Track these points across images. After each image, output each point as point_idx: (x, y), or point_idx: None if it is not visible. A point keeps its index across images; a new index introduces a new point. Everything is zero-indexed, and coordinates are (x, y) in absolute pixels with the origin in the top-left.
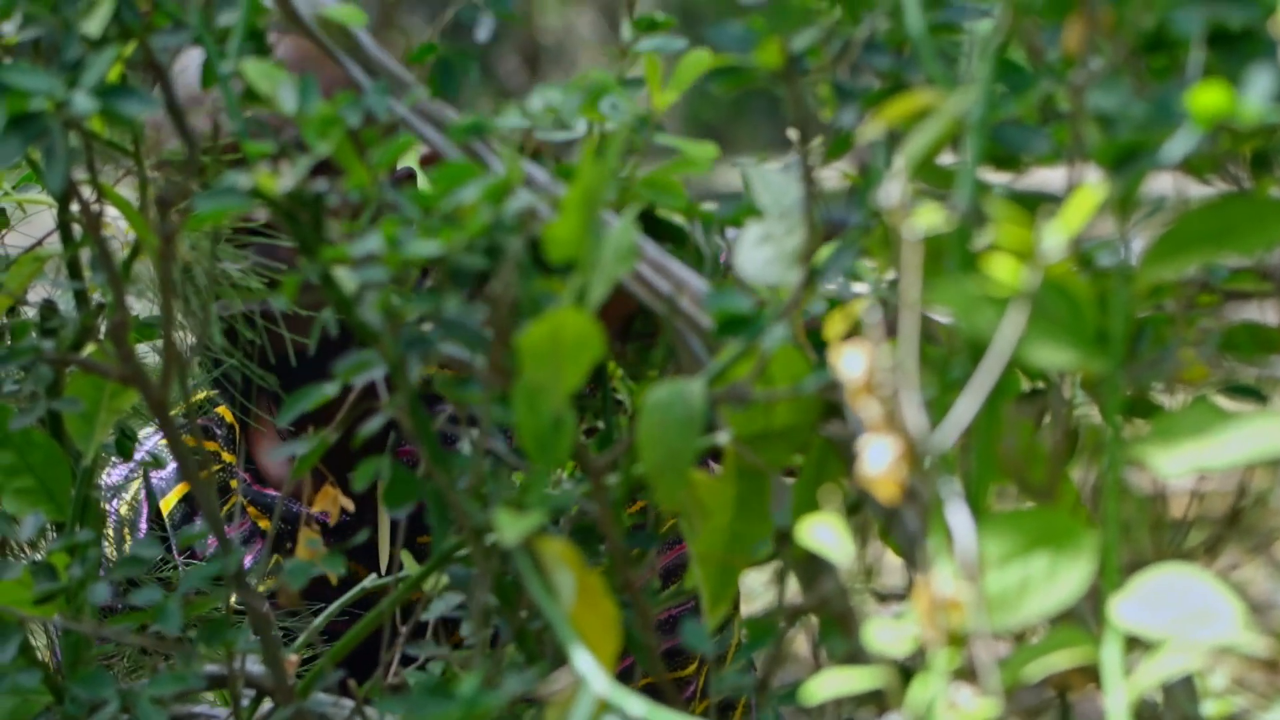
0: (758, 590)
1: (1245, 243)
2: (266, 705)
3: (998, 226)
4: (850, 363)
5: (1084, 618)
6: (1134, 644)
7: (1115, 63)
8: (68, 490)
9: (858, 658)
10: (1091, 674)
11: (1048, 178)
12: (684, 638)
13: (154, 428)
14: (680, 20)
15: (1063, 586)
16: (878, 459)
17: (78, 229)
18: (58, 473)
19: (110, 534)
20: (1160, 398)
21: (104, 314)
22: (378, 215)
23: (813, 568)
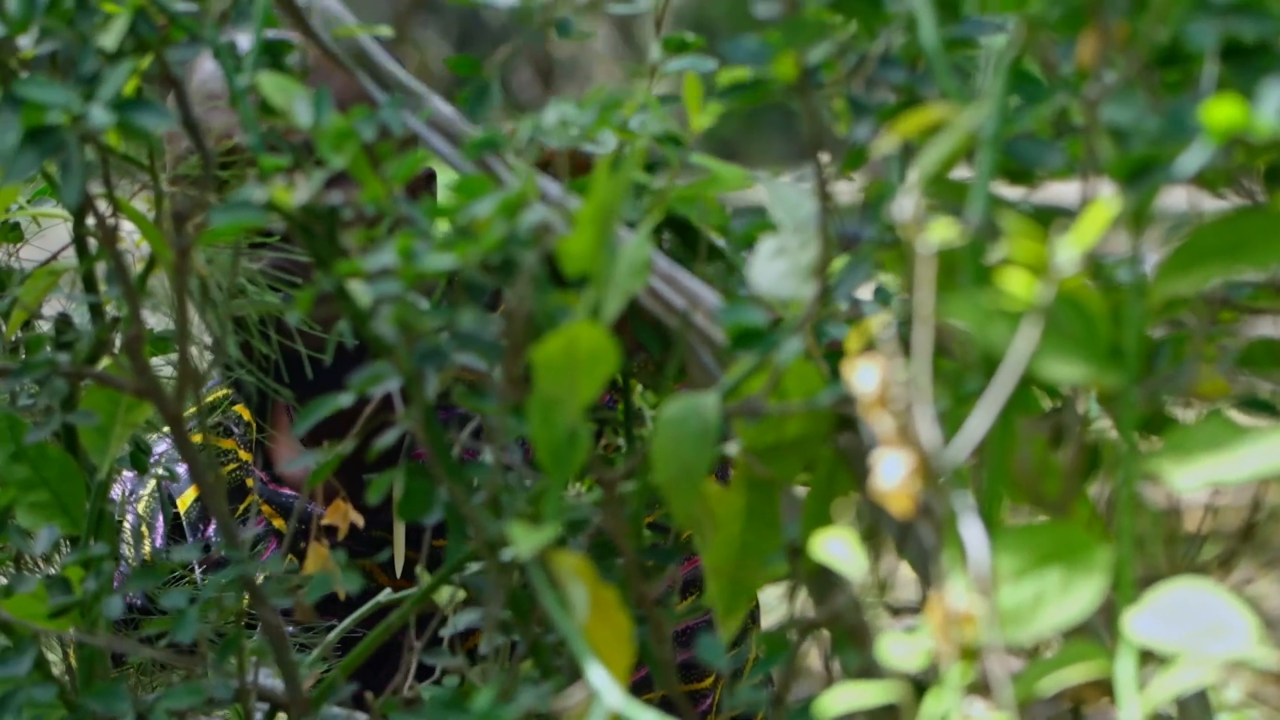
0: (774, 604)
1: (1259, 257)
2: (281, 719)
3: (1011, 241)
4: (864, 377)
5: (1098, 632)
6: (1148, 658)
7: (1129, 77)
8: (82, 504)
9: (871, 672)
10: (1105, 688)
11: (1061, 192)
12: (699, 651)
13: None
14: (694, 33)
15: (1076, 600)
16: (891, 473)
17: (93, 243)
18: (72, 486)
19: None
20: (1177, 413)
21: (119, 328)
22: (393, 228)
23: (825, 582)
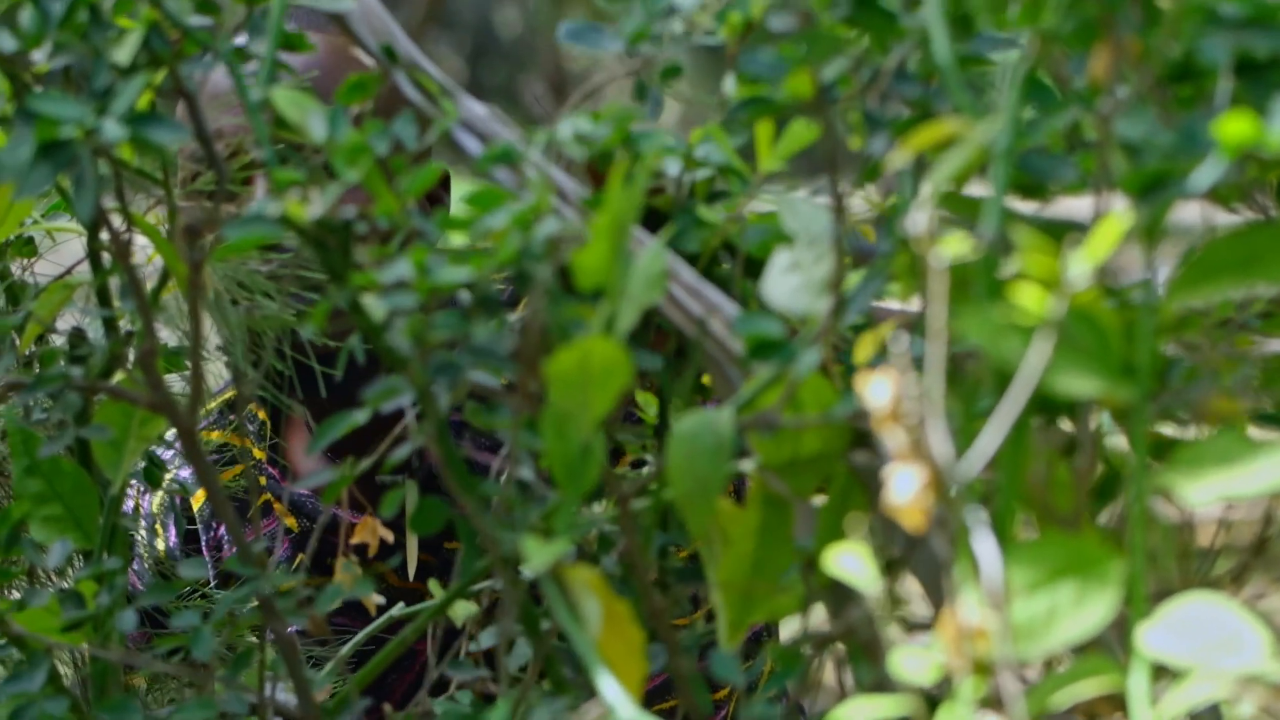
0: (789, 617)
1: (1272, 271)
2: None
3: (1024, 255)
4: (876, 391)
5: (1111, 646)
6: (1161, 672)
7: (1142, 91)
8: (95, 518)
9: (884, 686)
10: (1118, 703)
11: (1074, 206)
12: (713, 666)
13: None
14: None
15: (1089, 615)
16: (904, 487)
17: (107, 257)
18: (86, 500)
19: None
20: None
21: (133, 342)
22: (406, 242)
23: (839, 595)
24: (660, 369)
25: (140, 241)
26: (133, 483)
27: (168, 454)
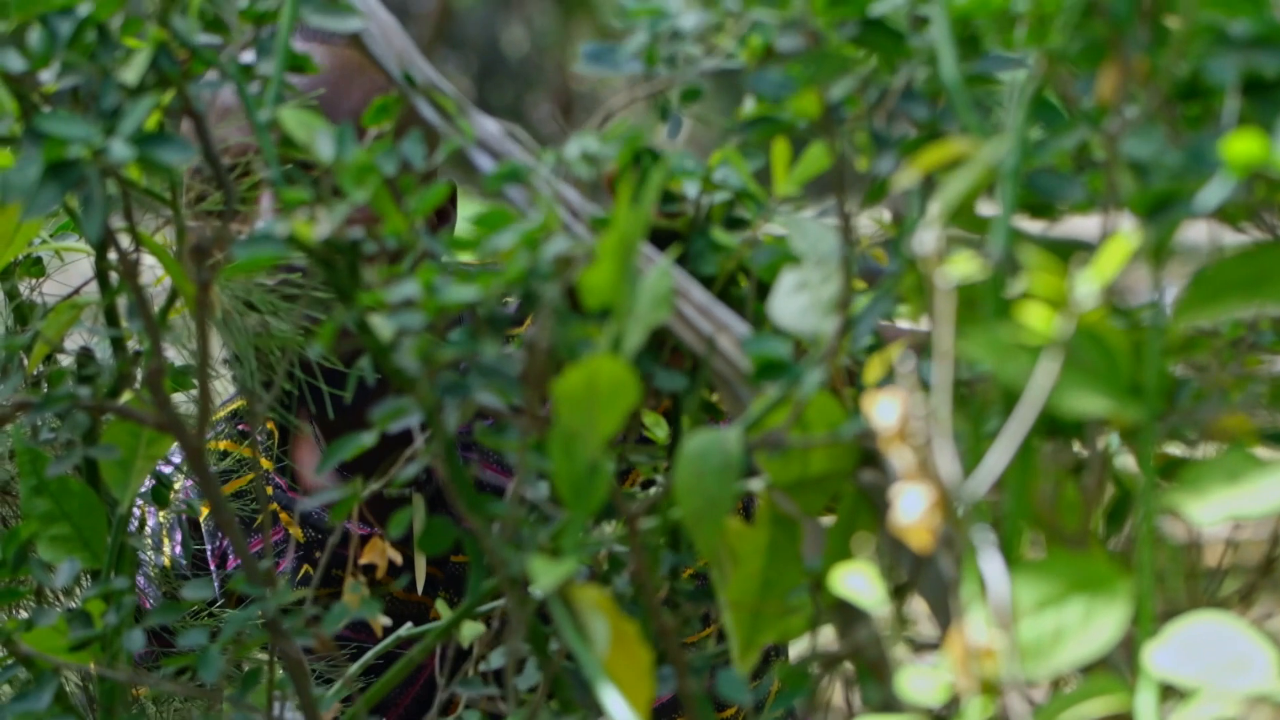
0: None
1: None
2: None
3: (1032, 274)
4: (884, 410)
5: (1118, 666)
6: (1169, 692)
7: (1149, 111)
8: (103, 537)
9: (892, 706)
10: None
11: (1082, 226)
12: (719, 686)
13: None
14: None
15: (1097, 634)
16: (911, 507)
17: (115, 277)
18: (94, 520)
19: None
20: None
21: (140, 361)
22: (416, 261)
23: (847, 615)
24: (677, 389)
25: (148, 261)
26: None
27: (175, 458)
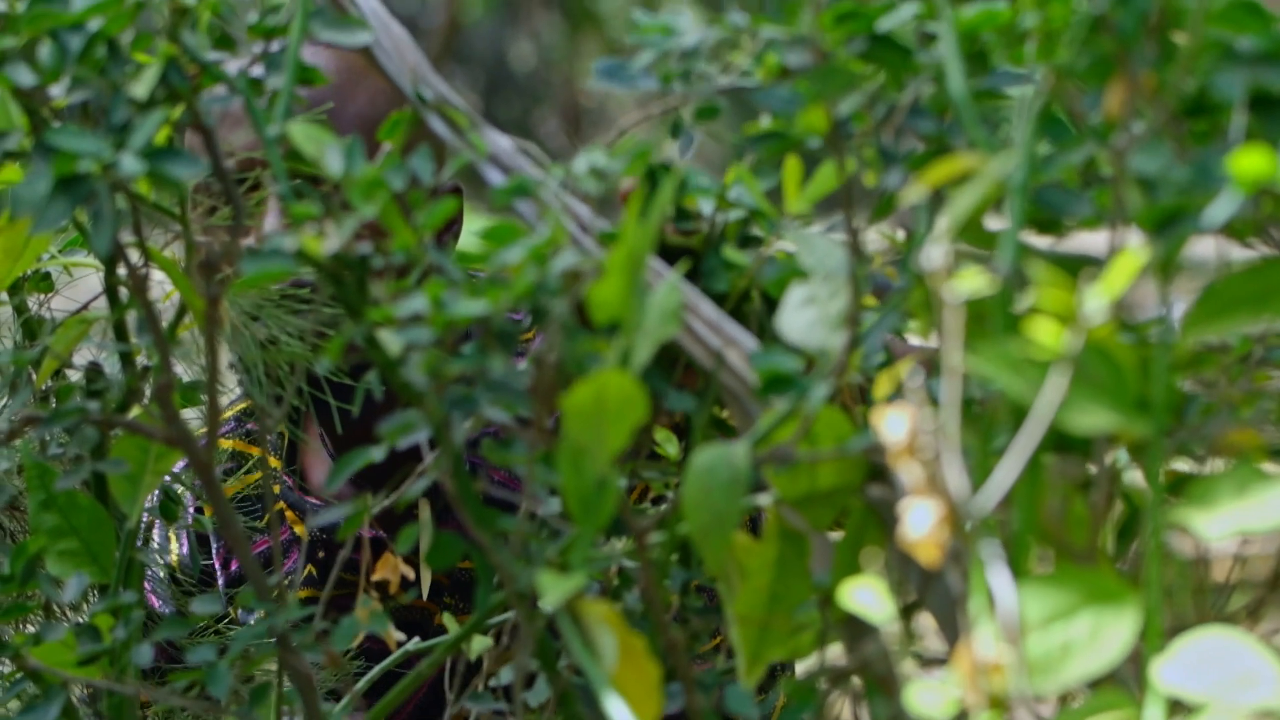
0: None
1: None
2: None
3: (1040, 290)
4: (892, 425)
5: (1126, 681)
6: (1176, 708)
7: (1157, 126)
8: (112, 552)
9: None
10: None
11: (1090, 241)
12: (726, 701)
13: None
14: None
15: (1105, 649)
16: (920, 522)
17: (124, 292)
18: (102, 535)
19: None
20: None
21: (149, 376)
22: (424, 277)
23: (855, 630)
24: (687, 410)
25: (157, 276)
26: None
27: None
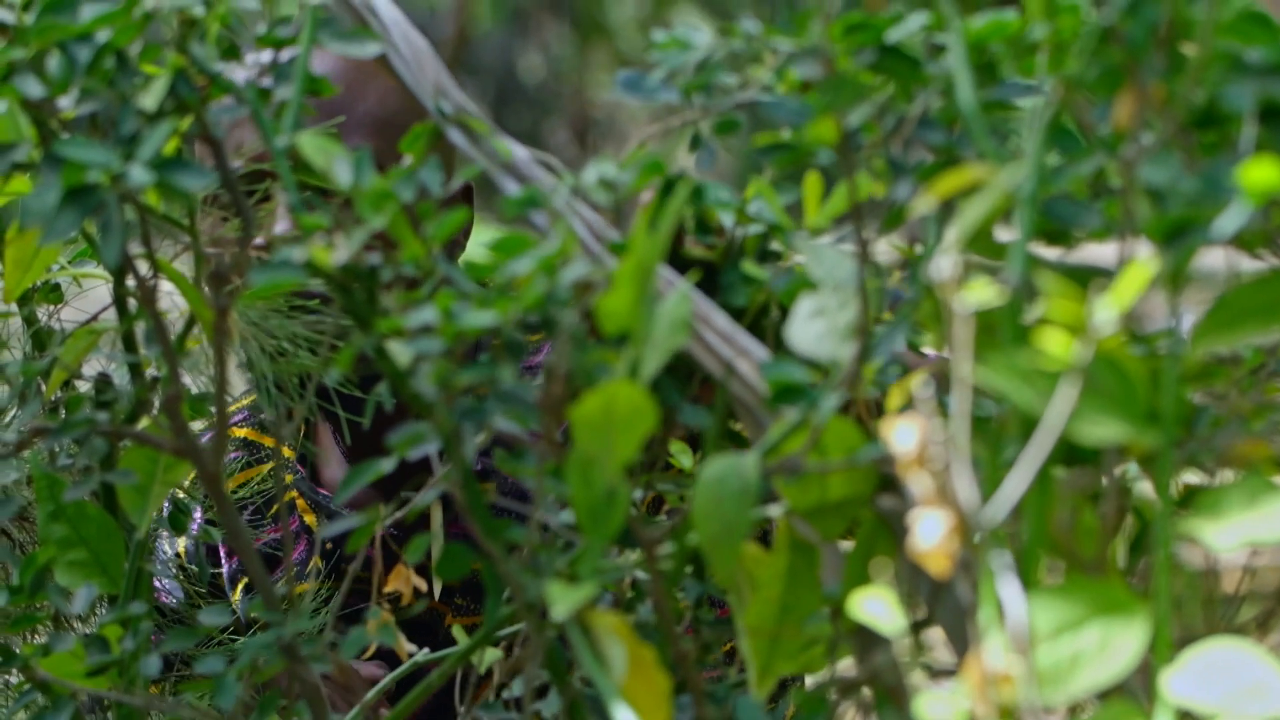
0: None
1: None
2: None
3: (1049, 301)
4: (902, 436)
5: (1135, 692)
6: (1185, 719)
7: (1166, 138)
8: (121, 563)
9: None
10: None
11: (1099, 253)
12: (736, 712)
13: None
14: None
15: (1114, 660)
16: (929, 532)
17: (133, 303)
18: (111, 545)
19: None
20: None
21: (158, 387)
22: (434, 287)
23: (865, 640)
24: (702, 424)
25: (166, 287)
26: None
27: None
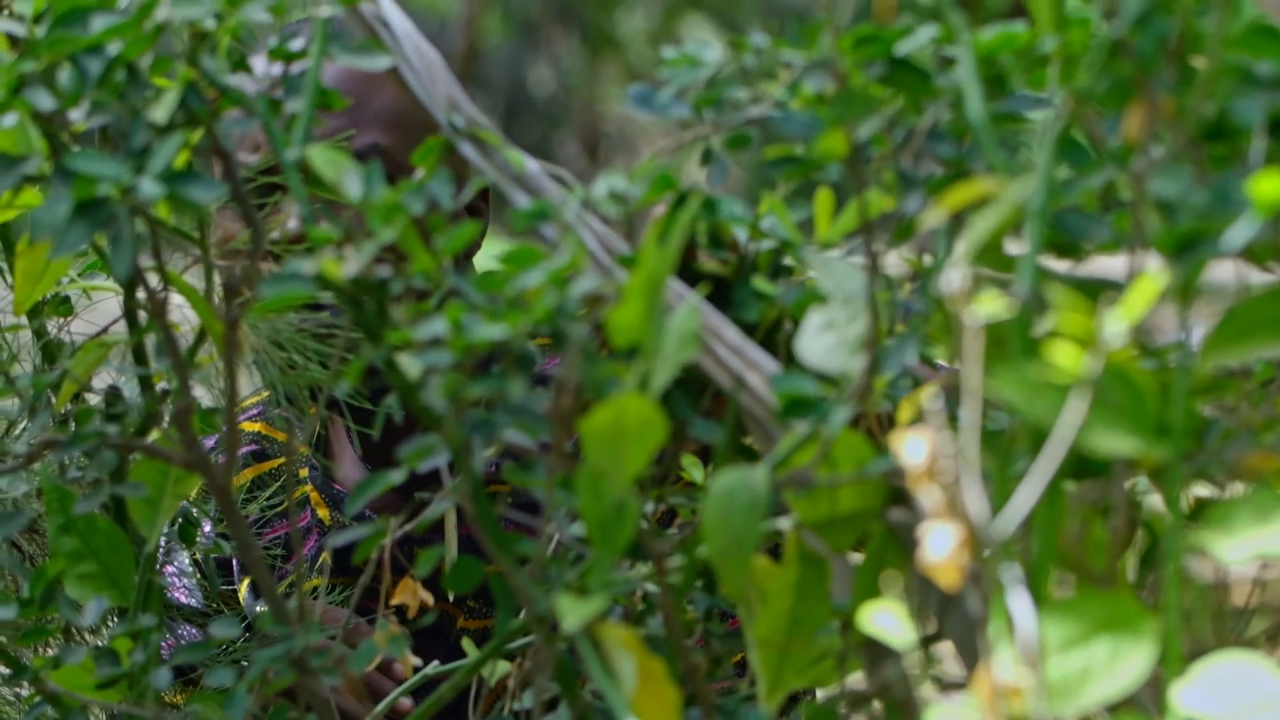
0: None
1: None
2: None
3: (1059, 313)
4: (912, 449)
5: (1145, 705)
6: None
7: (1176, 150)
8: (131, 575)
9: None
10: None
11: (1109, 266)
12: None
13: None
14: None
15: (1124, 673)
16: (939, 545)
17: (143, 315)
18: (121, 558)
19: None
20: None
21: (168, 400)
22: (443, 300)
23: (875, 653)
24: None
25: (176, 300)
26: None
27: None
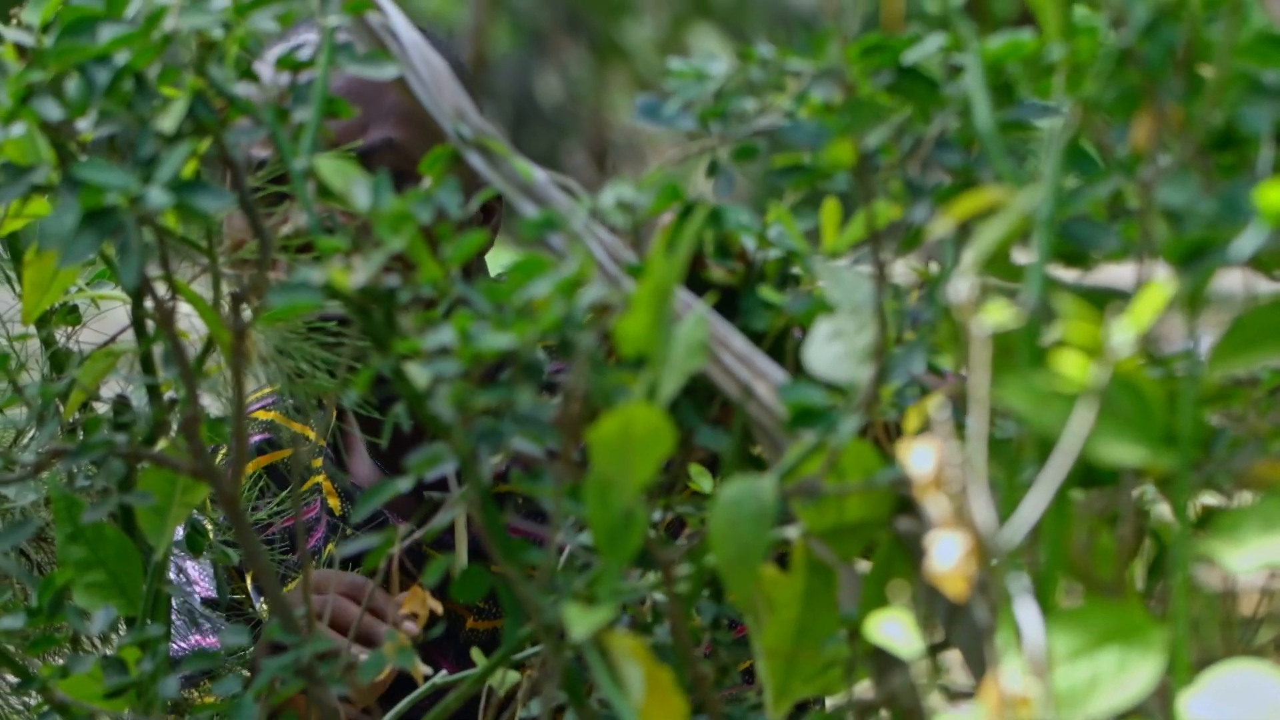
0: None
1: None
2: None
3: (1067, 322)
4: (920, 458)
5: (1153, 715)
6: None
7: (1184, 159)
8: (139, 584)
9: None
10: None
11: (1117, 274)
12: None
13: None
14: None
15: (1132, 683)
16: (946, 554)
17: (151, 325)
18: (129, 567)
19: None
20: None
21: (176, 409)
22: (451, 309)
23: (883, 662)
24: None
25: (184, 309)
26: None
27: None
